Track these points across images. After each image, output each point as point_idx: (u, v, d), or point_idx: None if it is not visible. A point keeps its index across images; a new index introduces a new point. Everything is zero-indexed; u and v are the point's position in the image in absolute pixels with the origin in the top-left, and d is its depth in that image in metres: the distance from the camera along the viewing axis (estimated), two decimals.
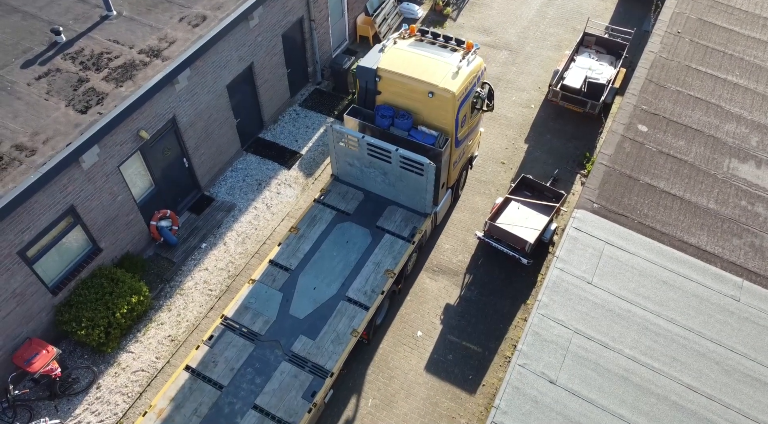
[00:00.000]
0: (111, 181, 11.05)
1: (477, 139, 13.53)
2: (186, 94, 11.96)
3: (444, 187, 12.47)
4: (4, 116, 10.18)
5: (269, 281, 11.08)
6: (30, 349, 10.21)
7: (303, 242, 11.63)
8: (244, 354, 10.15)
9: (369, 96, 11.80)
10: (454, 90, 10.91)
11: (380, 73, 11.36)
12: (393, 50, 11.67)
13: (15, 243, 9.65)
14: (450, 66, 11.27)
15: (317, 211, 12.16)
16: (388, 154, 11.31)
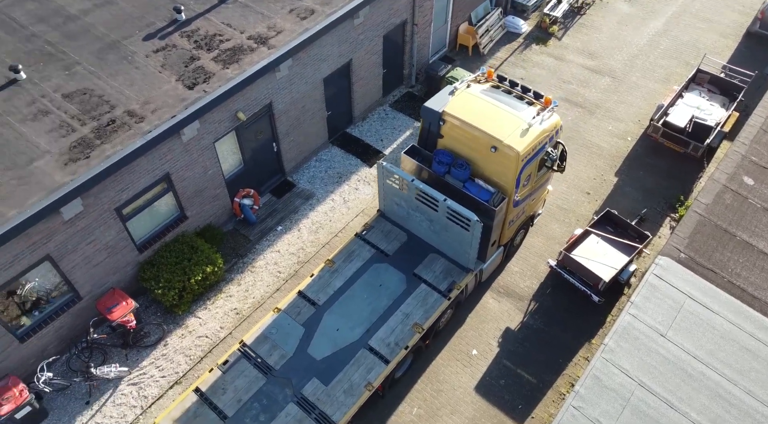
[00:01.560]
0: (205, 155, 11.70)
1: (542, 198, 12.63)
2: (285, 83, 12.45)
3: (495, 245, 11.64)
4: (122, 83, 11.03)
5: (294, 313, 10.69)
6: (112, 298, 11.03)
7: (336, 277, 11.14)
8: (254, 387, 9.84)
9: (430, 138, 11.21)
10: (520, 149, 10.07)
11: (445, 117, 10.74)
12: (464, 94, 10.98)
13: (114, 200, 10.46)
14: (521, 121, 10.42)
15: (356, 246, 11.61)
16: (435, 203, 10.66)
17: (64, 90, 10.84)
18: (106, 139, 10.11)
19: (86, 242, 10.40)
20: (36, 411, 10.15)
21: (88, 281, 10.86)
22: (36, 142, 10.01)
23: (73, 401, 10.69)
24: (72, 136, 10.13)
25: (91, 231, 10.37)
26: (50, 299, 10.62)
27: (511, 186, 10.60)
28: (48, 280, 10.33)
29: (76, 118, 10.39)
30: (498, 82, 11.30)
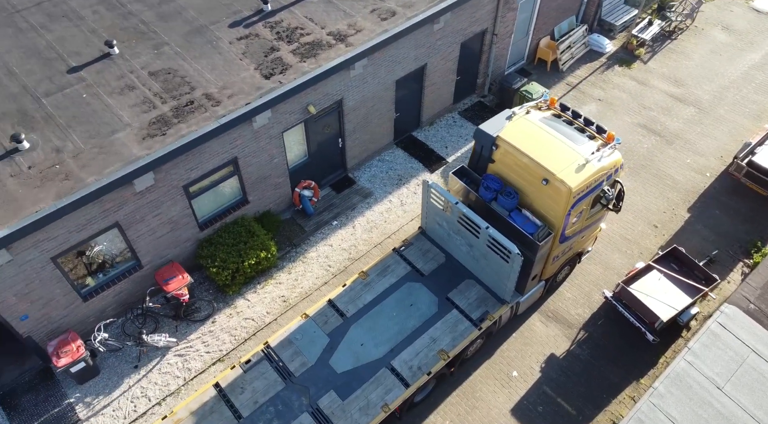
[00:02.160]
0: (273, 144, 12.00)
1: (594, 235, 12.00)
2: (358, 81, 12.58)
3: (536, 279, 11.19)
4: (204, 66, 11.47)
5: (321, 322, 10.63)
6: (170, 271, 11.52)
7: (367, 290, 11.00)
8: (272, 390, 9.84)
9: (481, 161, 10.85)
10: (573, 185, 9.56)
11: (498, 142, 10.33)
12: (521, 121, 10.48)
13: (183, 178, 10.90)
14: (578, 156, 9.87)
15: (392, 261, 11.45)
16: (477, 229, 10.33)
17: (151, 68, 11.39)
18: (182, 119, 10.55)
19: (153, 215, 10.90)
20: (89, 368, 10.75)
21: (150, 251, 11.39)
22: (119, 114, 10.58)
23: (123, 363, 11.25)
24: (152, 112, 10.63)
25: (159, 204, 10.86)
26: (114, 264, 11.21)
27: (559, 222, 10.10)
28: (114, 246, 10.90)
29: (158, 95, 10.90)
30: (560, 111, 10.75)
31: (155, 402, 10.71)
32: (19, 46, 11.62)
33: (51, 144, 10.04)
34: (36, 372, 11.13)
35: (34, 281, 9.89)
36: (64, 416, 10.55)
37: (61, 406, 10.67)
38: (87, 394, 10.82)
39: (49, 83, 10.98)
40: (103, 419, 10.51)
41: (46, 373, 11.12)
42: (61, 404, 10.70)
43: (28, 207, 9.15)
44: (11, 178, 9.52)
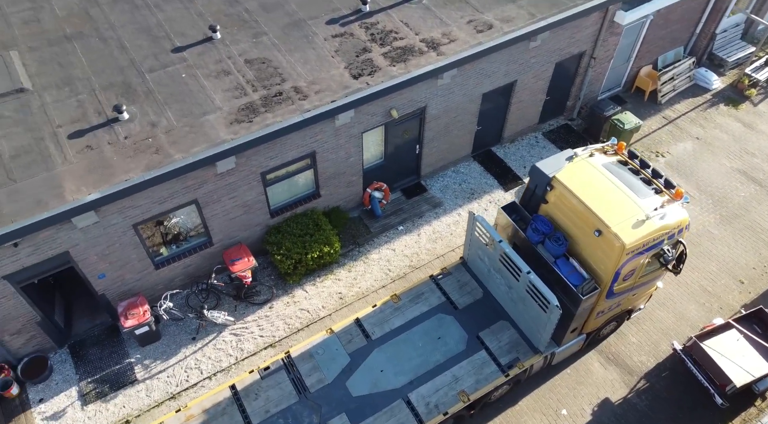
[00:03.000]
0: (351, 142, 12.15)
1: (648, 294, 11.21)
2: (444, 90, 12.49)
3: (575, 332, 10.53)
4: (297, 60, 11.78)
5: (345, 340, 10.44)
6: (237, 252, 11.94)
7: (397, 315, 10.71)
8: (284, 402, 9.74)
9: (534, 200, 10.28)
10: (627, 241, 8.87)
11: (554, 183, 9.75)
12: (582, 163, 9.86)
13: (262, 165, 11.25)
14: (638, 210, 9.16)
15: (427, 289, 11.11)
16: (518, 272, 9.81)
17: (248, 56, 11.83)
18: (270, 108, 10.88)
19: (229, 196, 11.33)
20: (152, 332, 11.34)
21: (222, 231, 11.85)
22: (212, 97, 11.05)
23: (182, 333, 11.78)
24: (243, 99, 11.04)
25: (236, 188, 11.27)
26: (187, 238, 11.75)
27: (607, 277, 9.43)
28: (190, 221, 11.42)
29: (250, 83, 11.30)
30: (627, 159, 10.02)
31: (206, 376, 11.14)
32: (134, 22, 12.39)
33: (147, 118, 10.63)
34: (104, 328, 11.88)
35: (115, 243, 10.53)
36: (123, 374, 11.19)
37: (121, 364, 11.32)
38: (146, 356, 11.41)
39: (154, 60, 11.64)
40: (157, 383, 11.05)
41: (113, 330, 11.84)
42: (122, 362, 11.36)
43: (120, 175, 9.74)
44: (108, 145, 10.17)
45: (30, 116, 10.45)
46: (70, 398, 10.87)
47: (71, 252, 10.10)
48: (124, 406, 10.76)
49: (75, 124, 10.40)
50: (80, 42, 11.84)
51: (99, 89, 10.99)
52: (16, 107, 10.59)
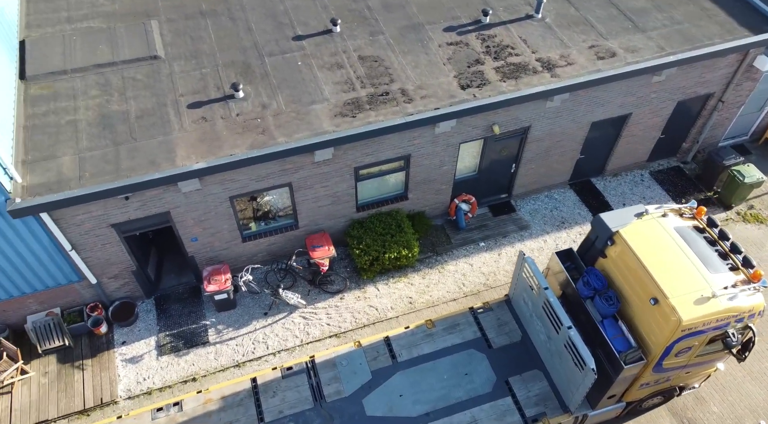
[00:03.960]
0: (447, 151, 12.13)
1: (705, 374, 10.26)
2: (552, 113, 12.15)
3: (614, 399, 9.81)
4: (409, 63, 11.90)
5: (371, 356, 10.26)
6: (319, 239, 12.31)
7: (428, 341, 10.39)
8: (299, 407, 9.74)
9: (592, 251, 9.62)
10: (685, 318, 8.11)
11: (616, 239, 9.04)
12: (652, 223, 9.06)
13: (357, 160, 11.50)
14: (705, 286, 8.36)
15: (464, 320, 10.73)
16: (559, 325, 9.26)
17: (362, 52, 12.11)
18: (374, 106, 11.09)
19: (321, 185, 11.69)
20: (229, 301, 11.98)
21: (309, 216, 12.26)
22: (322, 88, 11.43)
23: (256, 306, 12.34)
24: (350, 94, 11.32)
25: (329, 178, 11.60)
26: (276, 218, 12.27)
27: (657, 350, 8.69)
28: (281, 202, 11.92)
29: (360, 79, 11.57)
30: (705, 226, 9.20)
31: (271, 352, 11.61)
32: (263, 6, 13.06)
33: (260, 99, 11.18)
34: (188, 288, 12.69)
35: (211, 211, 11.21)
36: (197, 334, 11.91)
37: (197, 324, 12.06)
38: (220, 322, 12.07)
39: (274, 45, 12.21)
40: (225, 349, 11.67)
41: (195, 291, 12.62)
42: (198, 322, 12.09)
43: (226, 149, 10.34)
44: (221, 120, 10.81)
45: (158, 82, 11.31)
46: (149, 346, 11.73)
47: (172, 213, 10.86)
48: (194, 364, 11.45)
49: (195, 95, 11.14)
50: (212, 19, 12.64)
51: (221, 66, 11.69)
52: (148, 72, 11.50)
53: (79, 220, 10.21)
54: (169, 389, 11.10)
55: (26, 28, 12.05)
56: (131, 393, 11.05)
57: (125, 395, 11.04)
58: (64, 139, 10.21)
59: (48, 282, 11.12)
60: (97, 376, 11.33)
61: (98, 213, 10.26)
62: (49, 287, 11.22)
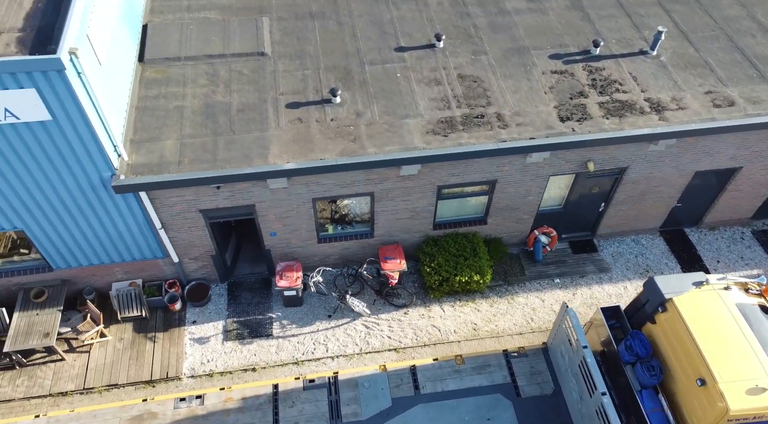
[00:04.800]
0: (535, 182, 11.79)
1: None
2: (653, 157, 11.53)
3: None
4: (509, 87, 11.65)
5: (394, 383, 10.00)
6: (392, 251, 12.32)
7: (454, 377, 10.02)
8: (314, 422, 9.71)
9: (640, 315, 8.93)
10: (733, 407, 7.49)
11: (669, 306, 8.42)
12: (712, 294, 8.36)
13: (441, 179, 11.40)
14: (763, 375, 7.73)
15: (495, 362, 10.28)
16: (593, 388, 8.59)
17: (462, 71, 11.98)
18: (467, 128, 10.95)
19: (402, 198, 11.69)
20: (296, 298, 12.25)
21: (385, 227, 12.30)
22: (418, 103, 11.40)
23: (321, 308, 12.54)
24: (445, 112, 11.24)
25: (411, 192, 11.58)
26: (353, 224, 12.40)
27: None
28: (360, 208, 12.03)
29: (456, 98, 11.46)
30: None
31: (330, 355, 11.76)
32: (370, 13, 13.20)
33: (355, 107, 11.31)
34: (260, 278, 13.09)
35: (293, 210, 11.49)
36: (263, 325, 12.26)
37: (264, 315, 12.41)
38: (285, 317, 12.37)
39: (376, 54, 12.31)
40: (287, 345, 11.94)
41: (266, 283, 12.99)
42: (264, 314, 12.45)
43: (317, 153, 10.53)
44: (316, 123, 11.03)
45: (262, 79, 11.69)
46: (216, 329, 12.21)
47: (257, 206, 11.22)
48: (255, 354, 11.80)
49: (295, 95, 11.43)
50: (320, 22, 12.92)
51: (323, 69, 11.93)
52: (254, 68, 11.91)
53: (172, 202, 10.76)
54: (230, 374, 11.49)
55: (150, 12, 12.79)
56: (194, 372, 11.54)
57: (189, 373, 11.54)
58: (170, 124, 10.77)
59: (135, 255, 11.80)
60: (166, 350, 11.91)
61: (190, 198, 10.76)
62: (136, 259, 11.91)
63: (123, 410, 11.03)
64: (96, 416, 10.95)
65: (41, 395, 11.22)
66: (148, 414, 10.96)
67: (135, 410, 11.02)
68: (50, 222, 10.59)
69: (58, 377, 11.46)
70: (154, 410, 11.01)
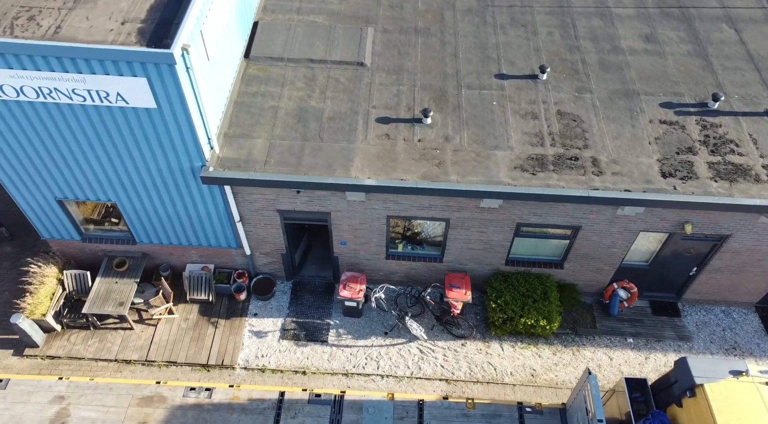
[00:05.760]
0: (623, 235, 11.07)
1: None
2: (761, 229, 10.49)
3: None
4: (610, 131, 10.98)
5: (399, 414, 9.81)
6: (459, 280, 12.04)
7: (462, 421, 9.62)
8: None
9: (666, 395, 8.24)
10: None
11: (698, 392, 7.67)
12: (749, 388, 7.62)
13: (521, 216, 10.95)
14: None
15: (507, 414, 10.12)
16: None
17: (562, 108, 11.45)
18: (558, 169, 10.43)
19: (477, 229, 11.36)
20: (356, 309, 12.26)
21: (455, 254, 12.02)
22: (510, 135, 11.01)
23: (379, 323, 12.46)
24: (537, 148, 10.78)
25: (488, 225, 11.23)
26: (423, 245, 12.22)
27: None
28: (434, 232, 11.82)
29: (552, 136, 10.96)
30: None
31: (380, 373, 11.67)
32: (475, 36, 12.90)
33: (445, 130, 11.09)
34: (324, 283, 13.22)
35: (366, 224, 11.47)
36: (319, 330, 12.36)
37: (322, 321, 12.52)
38: (342, 326, 12.41)
39: (475, 78, 12.01)
40: (339, 354, 11.97)
41: (329, 289, 13.09)
42: (323, 319, 12.55)
43: (399, 173, 10.41)
44: (403, 141, 10.92)
45: (357, 89, 11.71)
46: (275, 326, 12.45)
47: (332, 215, 11.30)
48: (308, 358, 11.92)
49: (386, 110, 11.37)
50: (423, 38, 12.78)
51: (418, 87, 11.79)
52: (351, 77, 11.96)
53: (253, 198, 11.05)
54: (280, 373, 11.68)
55: (263, 10, 13.17)
56: (248, 364, 11.83)
57: (242, 364, 11.84)
58: (263, 123, 11.03)
59: (211, 241, 12.25)
60: (225, 337, 12.30)
61: (270, 197, 11.00)
62: (211, 245, 12.36)
63: (137, 389, 11.57)
64: (112, 389, 11.55)
65: (107, 359, 11.91)
66: (158, 397, 11.44)
67: (147, 391, 11.53)
68: (140, 200, 11.19)
69: (125, 346, 12.13)
70: (165, 394, 11.47)
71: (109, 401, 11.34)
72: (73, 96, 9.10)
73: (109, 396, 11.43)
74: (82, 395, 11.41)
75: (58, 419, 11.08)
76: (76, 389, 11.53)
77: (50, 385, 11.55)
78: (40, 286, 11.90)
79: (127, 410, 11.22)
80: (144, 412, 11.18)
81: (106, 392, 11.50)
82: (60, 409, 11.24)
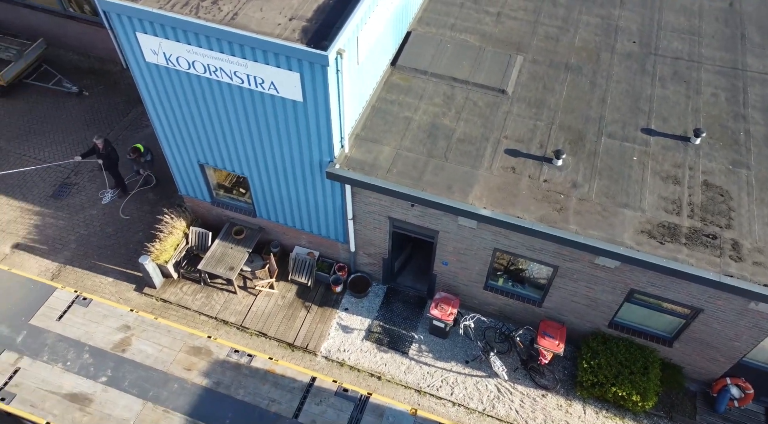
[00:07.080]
0: (751, 332, 9.99)
1: None
2: None
3: None
4: (762, 216, 9.91)
5: None
6: (555, 329, 11.51)
7: None
8: None
9: None
10: None
11: None
12: None
13: (638, 284, 10.27)
14: None
15: None
16: None
17: (710, 179, 10.52)
18: (690, 244, 9.63)
19: (585, 284, 10.83)
20: (442, 330, 12.23)
21: (557, 303, 11.56)
22: (644, 195, 10.32)
23: (462, 349, 12.33)
24: (671, 217, 10.02)
25: (598, 282, 10.65)
26: (525, 285, 11.87)
27: None
28: (539, 274, 11.42)
29: (691, 206, 10.13)
30: None
31: (452, 400, 11.57)
32: (629, 82, 12.16)
33: (574, 176, 10.63)
34: (417, 295, 13.32)
35: (471, 250, 11.38)
36: (402, 341, 12.50)
37: (407, 332, 12.64)
38: (426, 342, 12.45)
39: (619, 127, 11.36)
40: (417, 370, 12.04)
41: (421, 302, 13.18)
42: (408, 331, 12.66)
43: (516, 210, 10.17)
44: (527, 178, 10.65)
45: (493, 116, 11.56)
46: (362, 325, 12.79)
47: (440, 234, 11.34)
48: (386, 364, 12.13)
49: (517, 143, 11.14)
50: (573, 75, 12.29)
51: (556, 125, 11.40)
52: (489, 102, 11.84)
53: (369, 202, 11.39)
54: (357, 372, 12.01)
55: (417, 21, 13.40)
56: (329, 355, 12.29)
57: (324, 353, 12.32)
58: (394, 131, 11.29)
59: (322, 231, 12.83)
60: (314, 323, 12.86)
61: (385, 204, 11.28)
62: (321, 235, 12.95)
63: (190, 338, 12.54)
64: (170, 332, 12.61)
65: (209, 314, 12.95)
66: (205, 350, 12.33)
67: (198, 342, 12.47)
68: (269, 179, 11.98)
69: (226, 307, 13.11)
70: (212, 349, 12.35)
71: (165, 342, 12.48)
72: (234, 77, 9.94)
73: (166, 337, 12.54)
74: (144, 330, 12.66)
75: (121, 345, 12.39)
76: (142, 323, 12.79)
77: (122, 314, 12.91)
78: (168, 235, 13.20)
79: (177, 353, 12.30)
80: (191, 360, 12.19)
81: (165, 333, 12.62)
82: (124, 337, 12.56)
